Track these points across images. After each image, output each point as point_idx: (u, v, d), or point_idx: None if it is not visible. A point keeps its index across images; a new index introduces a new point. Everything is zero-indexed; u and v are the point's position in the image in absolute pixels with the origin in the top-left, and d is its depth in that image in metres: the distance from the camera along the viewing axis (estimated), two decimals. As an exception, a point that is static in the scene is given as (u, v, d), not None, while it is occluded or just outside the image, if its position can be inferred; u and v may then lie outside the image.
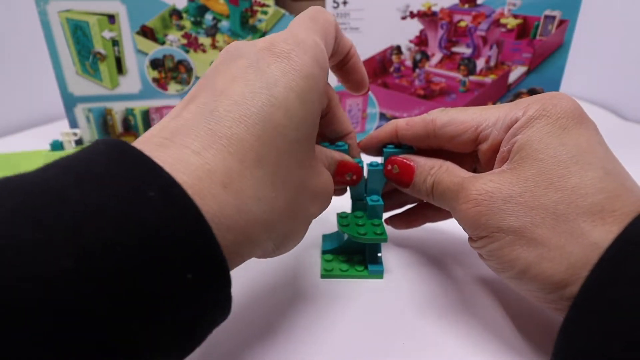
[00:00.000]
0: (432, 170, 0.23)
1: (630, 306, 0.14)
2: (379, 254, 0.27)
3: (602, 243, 0.16)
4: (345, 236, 0.28)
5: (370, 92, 0.49)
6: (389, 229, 0.29)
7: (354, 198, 0.28)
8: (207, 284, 0.13)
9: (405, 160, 0.25)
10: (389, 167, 0.25)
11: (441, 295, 0.25)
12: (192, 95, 0.17)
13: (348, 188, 0.27)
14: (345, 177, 0.24)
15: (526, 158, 0.19)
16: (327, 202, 0.21)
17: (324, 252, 0.29)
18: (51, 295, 0.10)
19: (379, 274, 0.27)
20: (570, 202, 0.17)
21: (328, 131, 0.26)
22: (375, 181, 0.27)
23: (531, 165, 0.19)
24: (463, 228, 0.21)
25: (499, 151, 0.21)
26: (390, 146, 0.26)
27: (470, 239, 0.21)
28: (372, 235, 0.25)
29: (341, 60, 0.24)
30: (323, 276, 0.27)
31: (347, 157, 0.25)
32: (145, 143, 0.15)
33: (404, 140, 0.25)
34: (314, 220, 0.21)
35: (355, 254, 0.28)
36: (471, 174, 0.21)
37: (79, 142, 0.47)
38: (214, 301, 0.14)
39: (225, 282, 0.14)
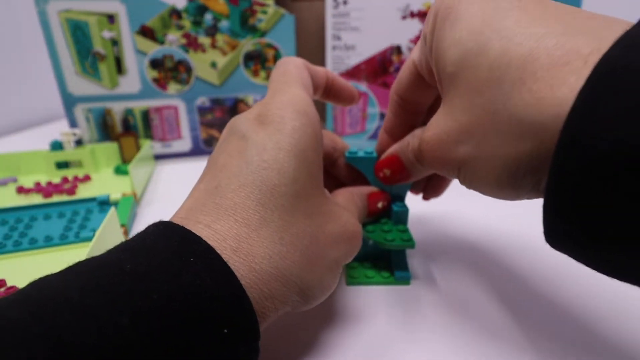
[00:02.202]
0: (409, 147, 0.22)
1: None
2: (406, 260, 0.27)
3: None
4: (370, 242, 0.28)
5: (370, 92, 0.49)
6: (414, 234, 0.29)
7: None
8: (240, 337, 0.15)
9: (387, 157, 0.24)
10: (381, 174, 0.25)
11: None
12: (202, 175, 0.19)
13: None
14: (376, 206, 0.25)
15: (448, 79, 0.17)
16: (351, 244, 0.20)
17: None
18: (108, 345, 0.12)
19: (406, 281, 0.26)
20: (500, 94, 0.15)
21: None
22: (400, 187, 0.27)
23: (452, 86, 0.17)
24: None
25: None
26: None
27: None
28: (400, 242, 0.25)
29: (324, 89, 0.25)
30: (349, 283, 0.26)
31: (372, 189, 0.26)
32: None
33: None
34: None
35: (379, 260, 0.28)
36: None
37: (78, 142, 0.47)
38: (246, 352, 0.15)
39: (255, 336, 0.15)
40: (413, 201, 0.31)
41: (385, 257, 0.28)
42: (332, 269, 0.19)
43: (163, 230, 0.16)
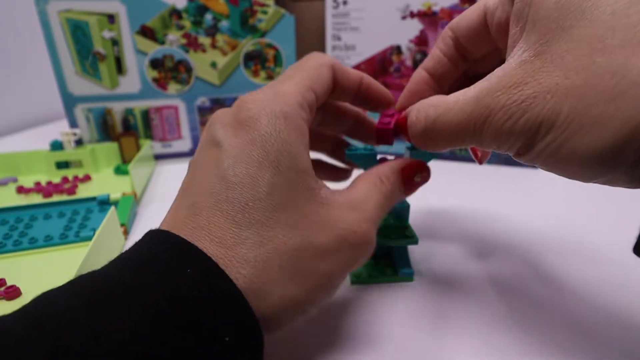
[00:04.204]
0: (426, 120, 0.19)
1: None
2: (408, 257, 0.27)
3: None
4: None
5: (370, 92, 0.49)
6: (417, 227, 0.28)
7: None
8: (243, 344, 0.15)
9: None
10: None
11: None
12: (181, 187, 0.19)
13: None
14: (413, 181, 0.22)
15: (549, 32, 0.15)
16: (352, 253, 0.18)
17: None
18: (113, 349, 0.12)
19: (410, 277, 0.27)
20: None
21: (339, 95, 0.24)
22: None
23: (561, 39, 0.15)
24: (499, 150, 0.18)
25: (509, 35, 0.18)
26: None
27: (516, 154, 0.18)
28: (403, 238, 0.25)
29: (356, 94, 0.24)
30: (353, 282, 0.26)
31: (402, 162, 0.22)
32: None
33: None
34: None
35: (381, 257, 0.28)
36: (468, 90, 0.17)
37: (78, 142, 0.47)
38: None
39: (259, 343, 0.15)
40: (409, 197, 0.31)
41: (386, 254, 0.28)
42: (323, 285, 0.17)
43: (159, 240, 0.16)
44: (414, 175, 0.22)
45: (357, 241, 0.18)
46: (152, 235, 0.16)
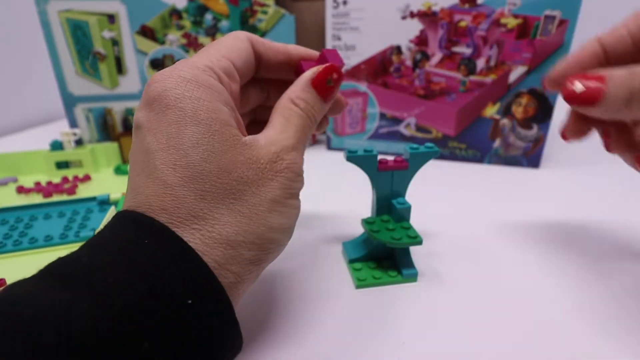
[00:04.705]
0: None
1: None
2: (411, 257, 0.27)
3: None
4: (369, 241, 0.28)
5: (370, 92, 0.49)
6: (417, 228, 0.28)
7: (380, 200, 0.27)
8: (208, 307, 0.15)
9: (590, 75, 0.20)
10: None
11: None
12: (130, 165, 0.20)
13: (373, 190, 0.27)
14: (328, 86, 0.21)
15: None
16: (281, 176, 0.19)
17: (351, 261, 0.28)
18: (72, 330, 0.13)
19: (414, 277, 0.27)
20: None
21: (268, 68, 0.24)
22: (400, 183, 0.26)
23: None
24: None
25: None
26: (413, 145, 0.26)
27: None
28: (407, 239, 0.25)
29: (288, 64, 0.24)
30: (358, 286, 0.26)
31: (310, 73, 0.21)
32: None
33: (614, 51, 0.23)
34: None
35: (383, 259, 0.28)
36: None
37: (78, 142, 0.47)
38: (221, 323, 0.16)
39: (225, 305, 0.16)
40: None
41: (389, 255, 0.28)
42: (273, 209, 0.18)
43: (120, 221, 0.17)
44: (326, 81, 0.21)
45: (281, 165, 0.19)
46: (114, 217, 0.17)
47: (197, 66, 0.19)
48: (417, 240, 0.25)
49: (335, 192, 0.40)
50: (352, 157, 0.25)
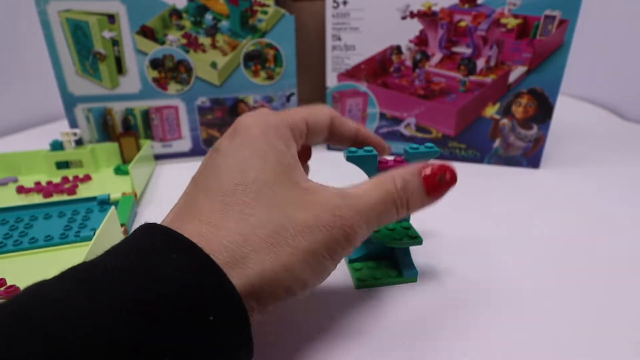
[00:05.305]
0: None
1: None
2: (411, 257, 0.27)
3: None
4: (374, 241, 0.28)
5: (370, 92, 0.49)
6: (417, 228, 0.28)
7: None
8: (229, 325, 0.15)
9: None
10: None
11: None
12: (186, 188, 0.21)
13: None
14: (436, 180, 0.21)
15: None
16: (330, 234, 0.18)
17: (351, 261, 0.28)
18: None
19: (414, 277, 0.27)
20: None
21: (338, 139, 0.26)
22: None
23: None
24: None
25: None
26: (414, 145, 0.26)
27: None
28: (407, 240, 0.25)
29: (354, 141, 0.26)
30: (358, 287, 0.26)
31: (422, 164, 0.21)
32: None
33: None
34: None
35: (383, 259, 0.28)
36: None
37: (78, 142, 0.47)
38: (239, 343, 0.16)
39: (245, 324, 0.16)
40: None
41: (388, 254, 0.28)
42: (306, 260, 0.18)
43: (147, 231, 0.17)
44: (438, 176, 0.21)
45: (339, 224, 0.18)
46: (141, 228, 0.18)
47: (280, 120, 0.21)
48: (417, 240, 0.25)
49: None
50: (352, 157, 0.25)
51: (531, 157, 0.46)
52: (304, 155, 0.28)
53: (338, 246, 0.19)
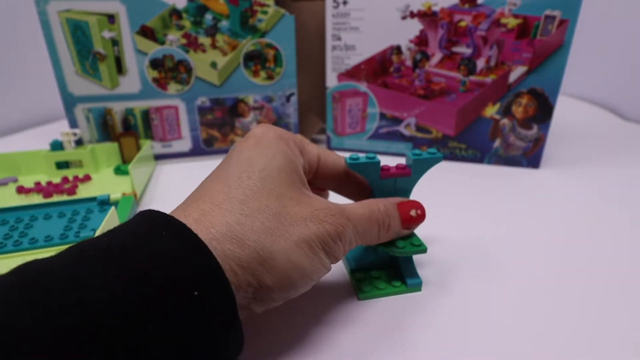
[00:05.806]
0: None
1: None
2: (414, 266, 0.26)
3: None
4: (371, 250, 0.27)
5: (370, 92, 0.49)
6: (421, 237, 0.28)
7: None
8: (213, 303, 0.16)
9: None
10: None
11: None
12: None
13: (375, 197, 0.27)
14: (409, 214, 0.24)
15: None
16: (322, 225, 0.20)
17: (353, 271, 0.27)
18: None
19: (418, 287, 0.26)
20: None
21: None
22: (403, 191, 0.26)
23: None
24: None
25: None
26: (416, 151, 0.25)
27: None
28: (411, 248, 0.24)
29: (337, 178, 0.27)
30: (361, 298, 0.25)
31: (399, 199, 0.25)
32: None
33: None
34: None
35: (386, 269, 0.27)
36: None
37: (78, 142, 0.47)
38: (224, 323, 0.16)
39: (231, 304, 0.16)
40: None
41: (391, 264, 0.28)
42: (300, 246, 0.19)
43: (143, 215, 0.18)
44: (409, 209, 0.24)
45: (331, 220, 0.21)
46: (140, 213, 0.19)
47: (290, 136, 0.23)
48: (421, 248, 0.24)
49: (334, 197, 0.40)
50: (354, 165, 0.24)
51: (531, 157, 0.46)
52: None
53: (330, 239, 0.20)
